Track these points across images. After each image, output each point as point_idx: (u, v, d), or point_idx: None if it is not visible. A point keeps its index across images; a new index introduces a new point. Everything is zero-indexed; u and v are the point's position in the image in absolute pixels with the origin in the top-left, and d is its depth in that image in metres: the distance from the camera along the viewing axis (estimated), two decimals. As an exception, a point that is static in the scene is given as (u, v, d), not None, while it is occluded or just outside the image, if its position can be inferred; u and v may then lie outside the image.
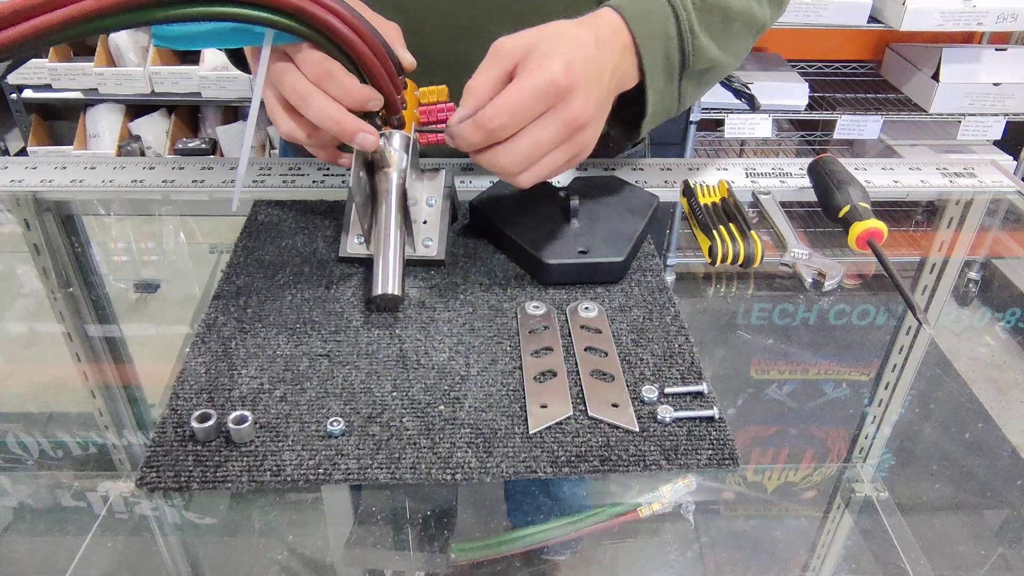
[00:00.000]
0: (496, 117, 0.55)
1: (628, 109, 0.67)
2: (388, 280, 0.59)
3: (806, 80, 2.21)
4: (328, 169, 0.81)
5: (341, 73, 0.57)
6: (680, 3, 0.64)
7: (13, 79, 2.35)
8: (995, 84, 2.15)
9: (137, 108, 2.51)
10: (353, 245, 0.67)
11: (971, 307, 0.72)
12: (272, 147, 2.54)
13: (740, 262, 0.67)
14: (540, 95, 0.55)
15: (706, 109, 2.15)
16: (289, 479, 0.48)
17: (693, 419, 0.52)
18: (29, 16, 0.47)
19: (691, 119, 2.16)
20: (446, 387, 0.55)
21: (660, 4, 0.64)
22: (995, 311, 0.71)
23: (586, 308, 0.61)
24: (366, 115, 0.59)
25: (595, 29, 0.60)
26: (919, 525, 0.48)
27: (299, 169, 0.81)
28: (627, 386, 0.55)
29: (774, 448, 0.54)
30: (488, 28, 0.76)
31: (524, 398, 0.54)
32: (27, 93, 2.39)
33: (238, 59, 0.72)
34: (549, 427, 0.51)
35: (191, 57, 2.38)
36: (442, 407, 0.53)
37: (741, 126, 2.17)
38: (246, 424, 0.50)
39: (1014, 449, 0.53)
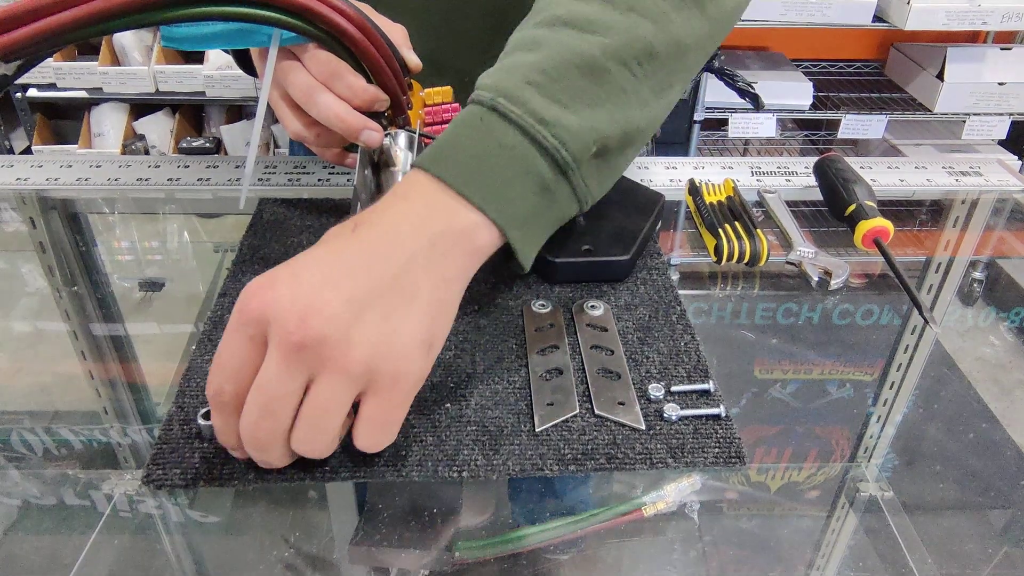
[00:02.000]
0: (212, 381, 0.43)
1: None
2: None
3: (810, 79, 2.20)
4: (333, 168, 0.81)
5: (348, 73, 0.57)
6: (507, 99, 0.47)
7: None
8: (1000, 84, 2.14)
9: (141, 107, 2.52)
10: (358, 243, 0.66)
11: (976, 307, 0.72)
12: (277, 145, 2.55)
13: (746, 261, 0.67)
14: (232, 334, 0.42)
15: (710, 108, 2.15)
16: (294, 477, 0.48)
17: (699, 417, 0.52)
18: (39, 17, 0.47)
19: (695, 118, 2.16)
20: (452, 384, 0.55)
21: (477, 119, 0.48)
22: (1000, 311, 0.71)
23: (592, 306, 0.61)
24: (372, 115, 0.59)
25: (381, 219, 0.45)
26: (924, 525, 0.48)
27: (304, 167, 0.82)
28: (633, 384, 0.55)
29: (778, 447, 0.54)
30: (493, 32, 0.76)
31: (530, 396, 0.54)
32: (32, 92, 2.39)
33: (243, 62, 0.72)
34: (555, 425, 0.51)
35: (195, 56, 2.38)
36: (448, 404, 0.53)
37: (745, 125, 2.17)
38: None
39: (1019, 449, 0.53)
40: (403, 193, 0.45)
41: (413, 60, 0.62)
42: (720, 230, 0.68)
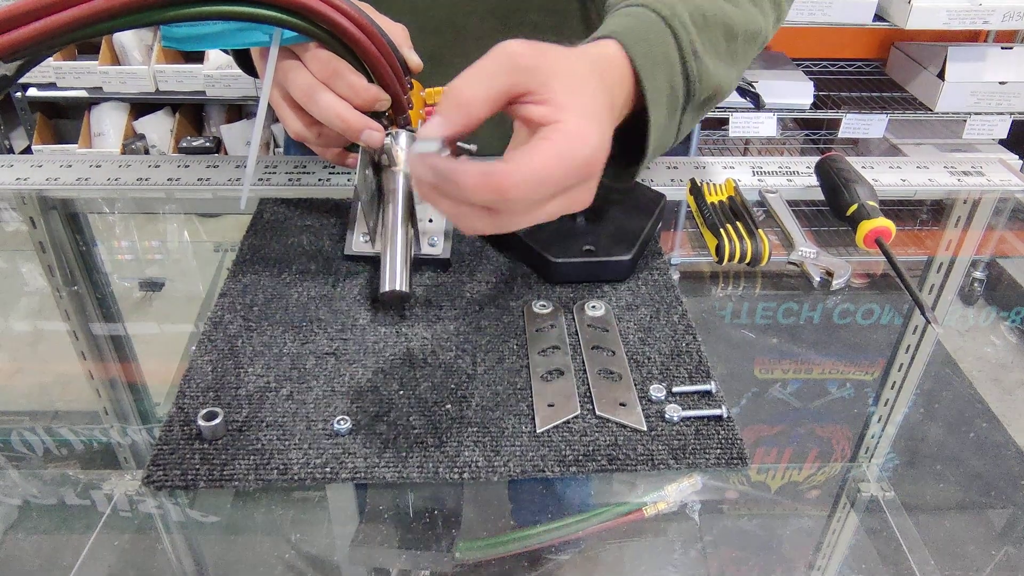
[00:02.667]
0: (520, 188, 0.43)
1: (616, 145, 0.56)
2: (396, 277, 0.59)
3: (811, 79, 2.20)
4: (334, 168, 0.81)
5: (349, 72, 0.57)
6: (679, 23, 0.56)
7: (18, 77, 2.35)
8: (1001, 83, 2.14)
9: (141, 106, 2.51)
10: (358, 243, 0.67)
11: (977, 306, 0.72)
12: (277, 145, 2.54)
13: (747, 261, 0.67)
14: (572, 174, 0.45)
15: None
16: (296, 478, 0.48)
17: (701, 418, 0.52)
18: (38, 17, 0.47)
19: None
20: (453, 385, 0.54)
21: (657, 25, 0.55)
22: (1001, 310, 0.71)
23: (593, 307, 0.61)
24: (373, 115, 0.59)
25: (599, 66, 0.51)
26: (925, 524, 0.48)
27: (305, 167, 0.81)
28: (635, 385, 0.55)
29: (779, 447, 0.54)
30: (492, 33, 0.76)
31: (531, 397, 0.54)
32: (32, 91, 2.39)
33: (244, 62, 0.72)
34: (556, 426, 0.51)
35: (195, 56, 2.38)
36: (449, 406, 0.53)
37: (746, 125, 2.17)
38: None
39: (1019, 449, 0.53)
40: (605, 63, 0.53)
41: (414, 59, 0.62)
42: (721, 230, 0.68)
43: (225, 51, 0.66)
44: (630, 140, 0.56)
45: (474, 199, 0.43)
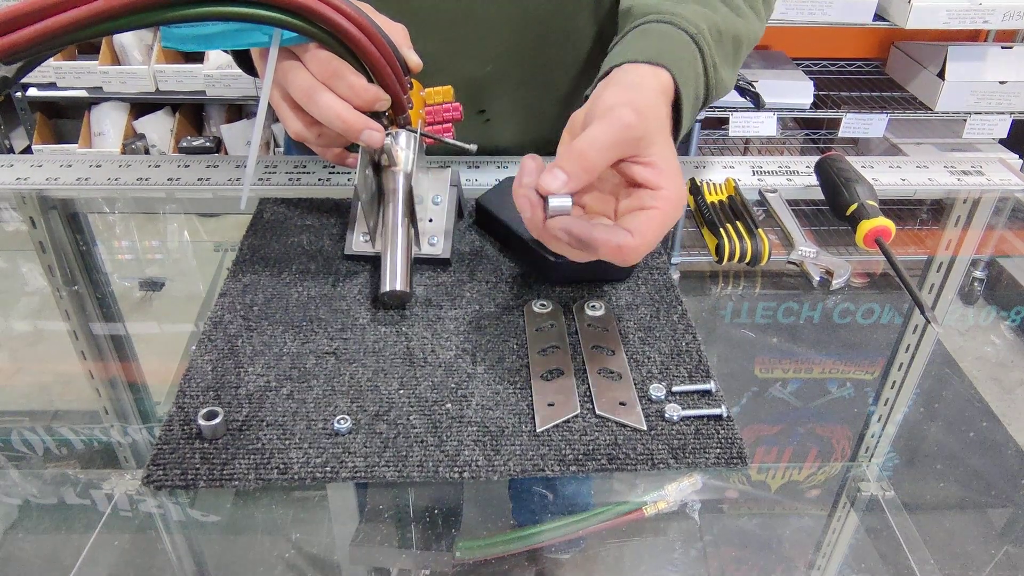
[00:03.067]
0: (640, 253, 0.51)
1: None
2: (396, 276, 0.59)
3: (811, 78, 2.20)
4: (334, 167, 0.81)
5: (349, 73, 0.57)
6: (704, 41, 0.62)
7: (18, 77, 2.35)
8: (1001, 82, 2.14)
9: (142, 106, 2.52)
10: (358, 243, 0.67)
11: (977, 306, 0.72)
12: (277, 145, 2.54)
13: (747, 260, 0.67)
14: (677, 210, 0.53)
15: (711, 107, 2.15)
16: (296, 477, 0.48)
17: (701, 418, 0.52)
18: (39, 18, 0.47)
19: (696, 117, 2.16)
20: (453, 385, 0.55)
21: (689, 46, 0.62)
22: (1001, 310, 0.71)
23: (593, 306, 0.61)
24: (373, 115, 0.59)
25: (664, 100, 0.57)
26: (925, 524, 0.48)
27: (305, 167, 0.81)
28: (634, 384, 0.55)
29: (779, 447, 0.54)
30: (485, 40, 0.76)
31: (531, 396, 0.54)
32: (32, 91, 2.39)
33: (243, 61, 0.72)
34: (556, 425, 0.51)
35: (195, 56, 2.38)
36: (449, 405, 0.53)
37: (746, 124, 2.17)
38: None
39: (1019, 448, 0.53)
40: (666, 98, 0.58)
41: (413, 59, 0.62)
42: (721, 229, 0.68)
43: (225, 51, 0.66)
44: None
45: (601, 257, 0.51)
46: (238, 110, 2.61)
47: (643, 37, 0.62)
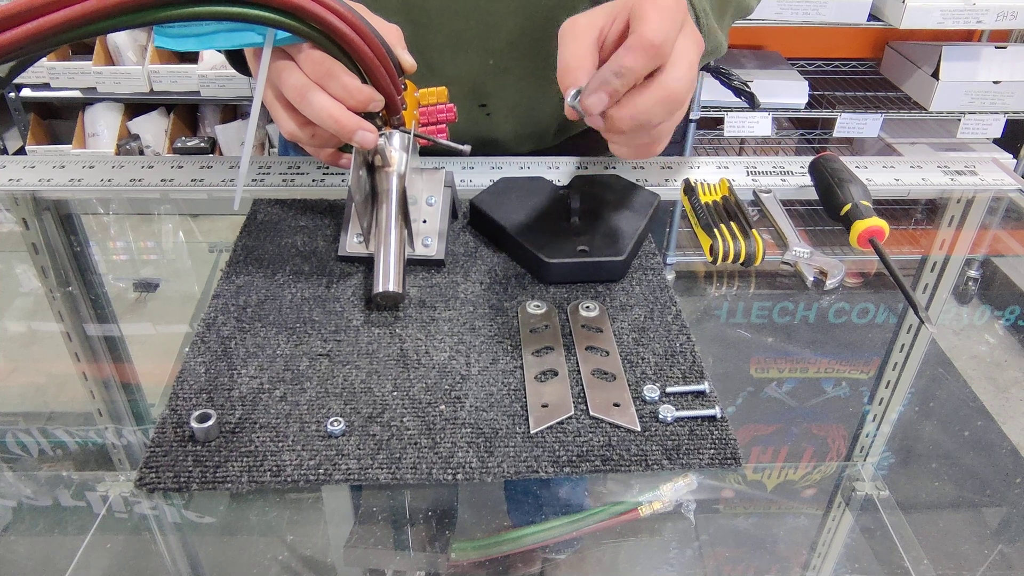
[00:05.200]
0: (657, 29, 0.52)
1: None
2: (389, 277, 0.59)
3: (806, 78, 2.21)
4: (327, 168, 0.81)
5: (343, 73, 0.57)
6: None
7: (11, 78, 2.34)
8: (995, 82, 2.15)
9: (136, 107, 2.51)
10: (352, 244, 0.66)
11: (971, 305, 0.72)
12: (272, 145, 2.54)
13: (741, 261, 0.67)
14: (675, 7, 0.54)
15: (705, 107, 2.15)
16: (289, 479, 0.48)
17: (695, 418, 0.52)
18: (31, 17, 0.47)
19: (691, 117, 2.16)
20: (447, 386, 0.54)
21: None
22: (995, 309, 0.71)
23: (587, 307, 0.61)
24: (367, 116, 0.59)
25: None
26: (920, 523, 0.48)
27: (299, 168, 0.81)
28: (628, 385, 0.55)
29: (774, 446, 0.54)
30: (492, 28, 0.76)
31: (525, 397, 0.53)
32: (26, 92, 2.39)
33: (237, 61, 0.71)
34: (550, 427, 0.51)
35: (190, 56, 2.37)
36: (443, 407, 0.53)
37: (741, 124, 2.17)
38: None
39: (1013, 447, 0.53)
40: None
41: (407, 60, 0.62)
42: (716, 230, 0.68)
43: (218, 51, 0.65)
44: None
45: (638, 66, 0.53)
46: (232, 110, 2.61)
47: None
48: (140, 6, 0.49)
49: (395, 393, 0.54)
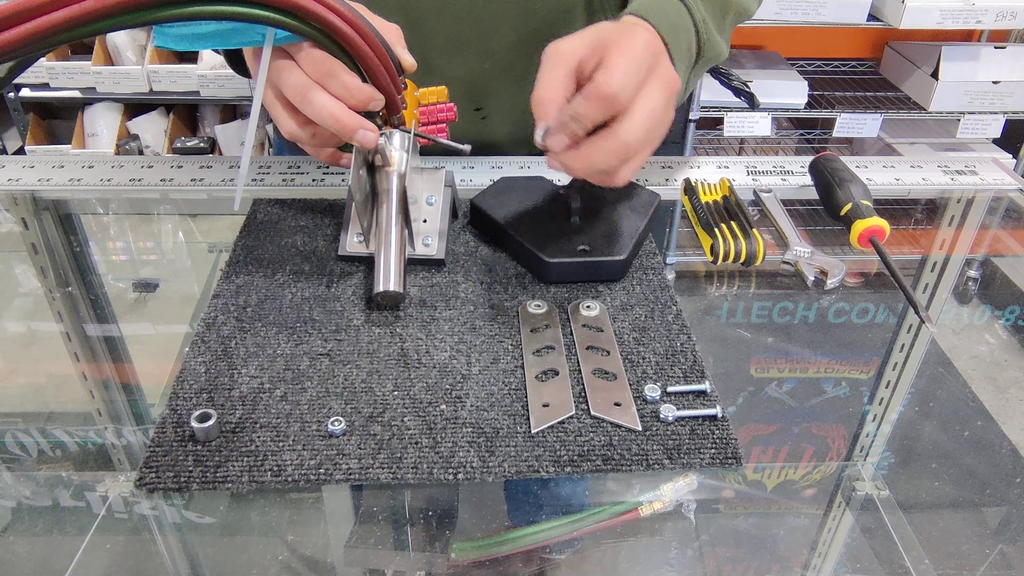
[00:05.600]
0: (613, 81, 0.53)
1: None
2: (390, 277, 0.59)
3: (805, 78, 2.20)
4: (327, 168, 0.81)
5: (343, 72, 0.57)
6: (692, 1, 0.65)
7: (11, 78, 2.34)
8: (994, 82, 2.15)
9: (135, 107, 2.51)
10: (352, 244, 0.66)
11: (971, 305, 0.72)
12: (271, 145, 2.54)
13: (742, 260, 0.67)
14: (644, 54, 0.56)
15: (705, 107, 2.15)
16: (290, 479, 0.48)
17: (696, 418, 0.52)
18: (30, 17, 0.47)
19: (690, 117, 2.16)
20: (447, 386, 0.54)
21: (675, 3, 0.64)
22: (995, 309, 0.71)
23: (588, 307, 0.61)
24: (367, 115, 0.59)
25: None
26: (920, 523, 0.48)
27: (299, 168, 0.81)
28: (629, 385, 0.55)
29: (775, 446, 0.54)
30: (489, 32, 0.76)
31: (526, 397, 0.53)
32: (25, 92, 2.38)
33: (235, 62, 0.71)
34: (551, 426, 0.51)
35: (189, 56, 2.37)
36: (443, 406, 0.53)
37: (740, 124, 2.17)
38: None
39: (1013, 447, 0.53)
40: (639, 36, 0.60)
41: (407, 59, 0.62)
42: (716, 230, 0.68)
43: (216, 51, 0.65)
44: None
45: (591, 115, 0.54)
46: (232, 110, 2.60)
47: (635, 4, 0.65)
48: (140, 6, 0.49)
49: (396, 393, 0.54)
